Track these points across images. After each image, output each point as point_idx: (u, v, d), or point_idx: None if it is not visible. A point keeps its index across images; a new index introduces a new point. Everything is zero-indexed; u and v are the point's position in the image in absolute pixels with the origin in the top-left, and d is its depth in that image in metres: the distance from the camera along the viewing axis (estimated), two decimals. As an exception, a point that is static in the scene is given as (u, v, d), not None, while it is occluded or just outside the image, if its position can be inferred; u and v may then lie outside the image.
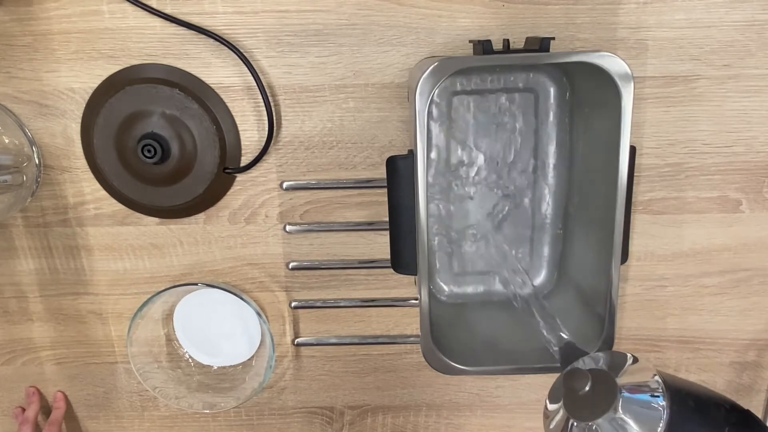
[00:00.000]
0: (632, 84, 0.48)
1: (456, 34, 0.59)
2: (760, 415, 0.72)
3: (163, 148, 0.56)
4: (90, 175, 0.63)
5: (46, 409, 0.73)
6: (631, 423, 0.42)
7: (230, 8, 0.58)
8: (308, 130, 0.62)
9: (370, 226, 0.65)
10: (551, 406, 0.47)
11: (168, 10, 0.58)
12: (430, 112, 0.49)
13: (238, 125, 0.61)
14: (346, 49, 0.59)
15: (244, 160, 0.63)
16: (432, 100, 0.49)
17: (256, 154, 0.62)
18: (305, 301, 0.68)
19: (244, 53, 0.59)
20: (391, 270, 0.56)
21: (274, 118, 0.60)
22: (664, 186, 0.63)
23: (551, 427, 0.46)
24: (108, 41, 0.59)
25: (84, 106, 0.61)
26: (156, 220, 0.65)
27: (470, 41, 0.57)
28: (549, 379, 0.72)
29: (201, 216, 0.64)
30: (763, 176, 0.63)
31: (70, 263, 0.67)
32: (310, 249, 0.66)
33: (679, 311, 0.68)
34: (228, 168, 0.61)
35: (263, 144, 0.62)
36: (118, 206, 0.64)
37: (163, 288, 0.63)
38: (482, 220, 0.64)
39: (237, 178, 0.63)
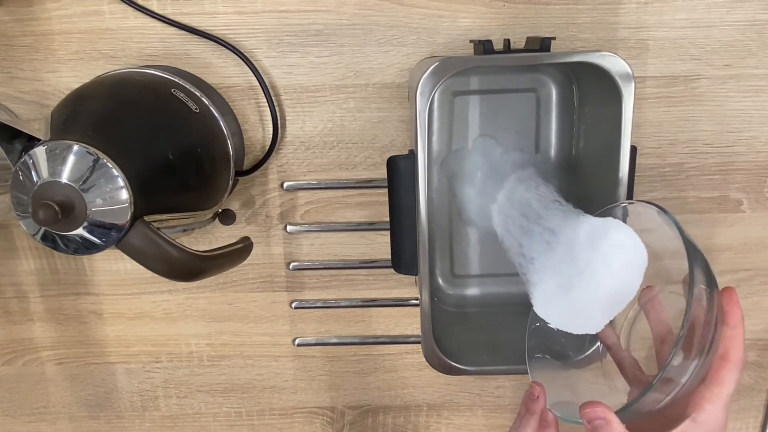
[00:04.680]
0: (633, 84, 0.48)
1: (457, 34, 0.59)
2: (760, 415, 0.72)
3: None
4: (91, 175, 0.63)
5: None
6: None
7: (231, 8, 0.58)
8: (309, 130, 0.62)
9: (370, 226, 0.65)
10: None
11: (168, 11, 0.58)
12: (430, 112, 0.49)
13: (241, 125, 0.62)
14: (346, 49, 0.59)
15: (247, 160, 0.63)
16: (432, 100, 0.49)
17: (259, 154, 0.62)
18: (306, 301, 0.68)
19: (245, 54, 0.59)
20: (392, 270, 0.56)
21: (278, 120, 0.61)
22: (665, 186, 0.63)
23: None
24: (109, 41, 0.59)
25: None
26: (157, 220, 0.65)
27: (471, 41, 0.57)
28: (550, 379, 0.72)
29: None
30: (764, 176, 0.63)
31: (70, 263, 0.67)
32: (310, 249, 0.66)
33: (679, 311, 0.68)
34: (238, 171, 0.61)
35: (266, 144, 0.62)
36: (119, 206, 0.64)
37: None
38: (483, 219, 0.64)
39: (238, 179, 0.63)
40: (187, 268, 0.48)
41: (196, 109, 0.54)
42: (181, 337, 0.69)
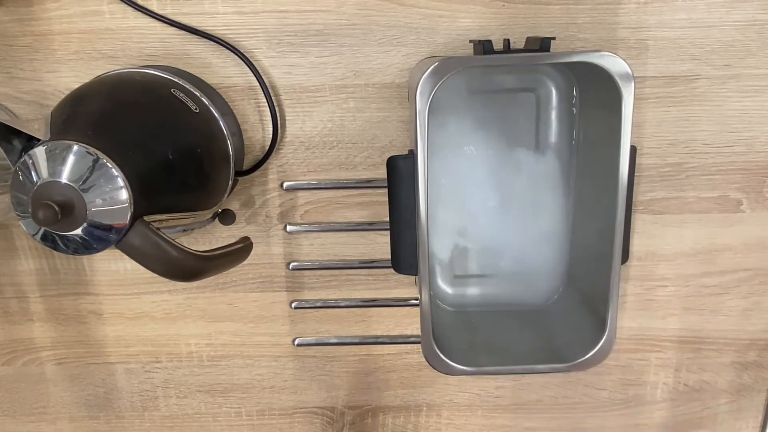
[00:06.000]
0: (633, 84, 0.48)
1: (456, 34, 0.59)
2: (760, 415, 0.72)
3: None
4: (90, 175, 0.63)
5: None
6: None
7: (230, 8, 0.58)
8: (309, 130, 0.62)
9: (370, 226, 0.65)
10: None
11: (168, 11, 0.58)
12: (430, 112, 0.49)
13: (240, 125, 0.62)
14: (346, 49, 0.59)
15: (247, 160, 0.63)
16: (432, 100, 0.49)
17: (259, 154, 0.62)
18: (305, 301, 0.68)
19: (245, 54, 0.59)
20: (392, 270, 0.56)
21: (278, 120, 0.61)
22: (665, 186, 0.63)
23: None
24: (108, 41, 0.59)
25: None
26: (156, 220, 0.65)
27: (471, 41, 0.57)
28: (550, 379, 0.72)
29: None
30: (763, 176, 0.63)
31: (70, 263, 0.67)
32: (310, 249, 0.66)
33: (679, 311, 0.68)
34: (238, 171, 0.61)
35: (266, 144, 0.62)
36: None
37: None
38: (483, 219, 0.64)
39: (237, 179, 0.63)
40: (187, 268, 0.48)
41: (195, 109, 0.54)
42: (181, 337, 0.69)
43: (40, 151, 0.44)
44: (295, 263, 0.66)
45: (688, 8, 0.58)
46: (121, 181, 0.44)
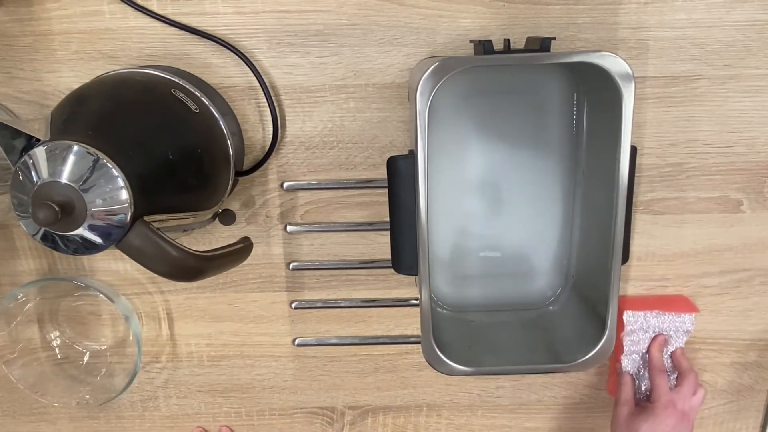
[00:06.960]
0: (633, 84, 0.48)
1: (457, 35, 0.59)
2: (760, 415, 0.72)
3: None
4: (90, 175, 0.63)
5: None
6: None
7: (231, 9, 0.58)
8: (309, 130, 0.62)
9: (370, 227, 0.65)
10: None
11: (168, 11, 0.58)
12: (430, 112, 0.49)
13: (240, 125, 0.62)
14: (346, 49, 0.59)
15: (247, 160, 0.63)
16: (432, 100, 0.49)
17: (259, 155, 0.62)
18: (306, 301, 0.68)
19: (245, 54, 0.59)
20: (392, 270, 0.56)
21: (278, 120, 0.61)
22: (665, 186, 0.63)
23: None
24: (108, 41, 0.59)
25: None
26: (156, 220, 0.65)
27: (471, 41, 0.58)
28: (549, 379, 0.72)
29: (201, 216, 0.64)
30: (763, 176, 0.63)
31: (70, 263, 0.67)
32: (310, 249, 0.66)
33: (679, 311, 0.68)
34: (238, 171, 0.61)
35: (266, 144, 0.62)
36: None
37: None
38: (483, 219, 0.64)
39: (238, 179, 0.63)
40: (187, 268, 0.48)
41: (196, 109, 0.54)
42: (181, 337, 0.69)
43: (40, 151, 0.44)
44: (295, 263, 0.66)
45: (689, 8, 0.58)
46: (121, 181, 0.44)
